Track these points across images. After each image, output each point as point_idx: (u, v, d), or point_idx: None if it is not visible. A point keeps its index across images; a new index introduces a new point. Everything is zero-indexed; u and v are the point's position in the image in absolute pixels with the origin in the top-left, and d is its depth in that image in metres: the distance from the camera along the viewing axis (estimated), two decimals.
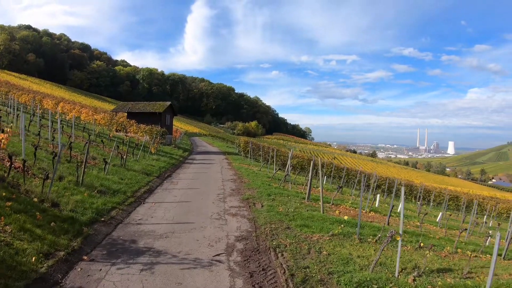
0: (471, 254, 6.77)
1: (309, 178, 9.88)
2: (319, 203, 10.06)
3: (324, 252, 5.70)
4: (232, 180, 13.19)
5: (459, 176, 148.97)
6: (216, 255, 5.36)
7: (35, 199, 6.71)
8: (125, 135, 22.79)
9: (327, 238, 6.47)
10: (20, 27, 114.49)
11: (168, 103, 30.25)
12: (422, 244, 7.10)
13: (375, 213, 11.28)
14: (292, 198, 10.03)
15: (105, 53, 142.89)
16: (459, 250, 7.55)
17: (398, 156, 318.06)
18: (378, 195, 15.02)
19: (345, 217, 7.32)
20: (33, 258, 4.45)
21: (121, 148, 15.35)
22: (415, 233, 8.67)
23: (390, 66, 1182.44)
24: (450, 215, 15.48)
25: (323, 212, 8.48)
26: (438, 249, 7.28)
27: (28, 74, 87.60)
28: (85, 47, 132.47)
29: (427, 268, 5.55)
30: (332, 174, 22.02)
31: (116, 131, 24.75)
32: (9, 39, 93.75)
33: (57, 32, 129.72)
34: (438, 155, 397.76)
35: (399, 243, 5.23)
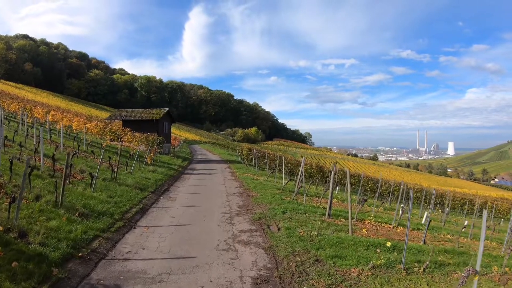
0: None
1: (330, 191, 8.44)
2: (342, 219, 8.67)
3: None
4: (238, 194, 11.68)
5: (461, 176, 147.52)
6: None
7: (0, 228, 5.31)
8: (120, 145, 21.36)
9: (369, 273, 5.08)
10: (17, 37, 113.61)
11: (166, 109, 28.72)
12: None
13: (403, 227, 9.86)
14: (310, 215, 8.57)
15: (103, 62, 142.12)
16: (506, 269, 6.27)
17: (399, 158, 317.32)
18: (401, 206, 13.54)
19: (388, 244, 5.86)
20: None
21: (113, 159, 13.93)
22: (455, 251, 7.37)
23: (389, 68, 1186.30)
24: (495, 224, 13.95)
25: (351, 234, 7.03)
26: (487, 271, 6.11)
27: (25, 84, 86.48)
28: (82, 56, 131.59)
29: None
30: (345, 182, 20.51)
31: (111, 140, 23.31)
32: (5, 48, 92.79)
33: (55, 41, 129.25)
34: (438, 156, 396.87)
35: (475, 283, 3.99)
